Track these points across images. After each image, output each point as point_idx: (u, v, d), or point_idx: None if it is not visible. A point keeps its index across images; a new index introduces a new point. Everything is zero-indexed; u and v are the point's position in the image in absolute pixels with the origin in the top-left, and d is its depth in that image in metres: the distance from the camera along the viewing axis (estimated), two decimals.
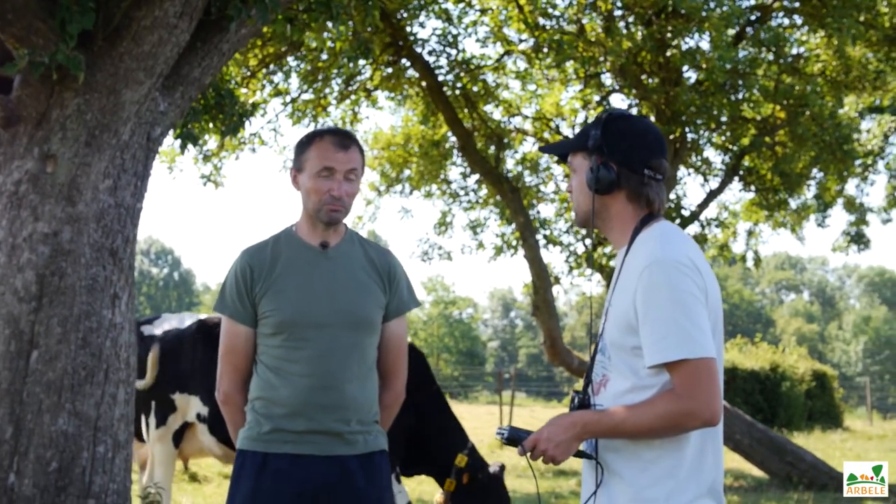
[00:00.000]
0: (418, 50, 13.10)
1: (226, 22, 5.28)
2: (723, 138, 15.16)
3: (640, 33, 12.03)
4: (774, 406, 23.17)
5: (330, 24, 7.91)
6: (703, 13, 11.08)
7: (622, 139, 2.94)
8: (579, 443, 2.86)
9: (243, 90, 11.53)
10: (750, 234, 18.40)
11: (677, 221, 14.41)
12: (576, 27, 12.43)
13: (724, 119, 14.00)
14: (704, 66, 11.78)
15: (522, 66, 14.45)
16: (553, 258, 25.66)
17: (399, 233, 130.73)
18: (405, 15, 12.62)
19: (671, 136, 13.05)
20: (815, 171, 15.96)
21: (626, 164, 2.93)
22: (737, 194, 17.00)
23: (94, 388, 4.98)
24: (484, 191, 16.16)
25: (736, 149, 15.15)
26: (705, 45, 12.53)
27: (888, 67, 13.90)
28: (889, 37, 13.13)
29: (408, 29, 12.82)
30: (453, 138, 14.71)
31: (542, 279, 13.67)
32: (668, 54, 11.92)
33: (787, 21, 13.85)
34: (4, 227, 4.98)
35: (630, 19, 12.56)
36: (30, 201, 4.96)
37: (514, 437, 2.92)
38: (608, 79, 14.12)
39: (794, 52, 14.16)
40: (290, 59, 12.70)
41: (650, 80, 12.73)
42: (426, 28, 24.63)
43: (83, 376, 4.95)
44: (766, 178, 15.58)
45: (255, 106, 9.15)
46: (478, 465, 6.92)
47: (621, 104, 15.15)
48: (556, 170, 16.15)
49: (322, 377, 3.51)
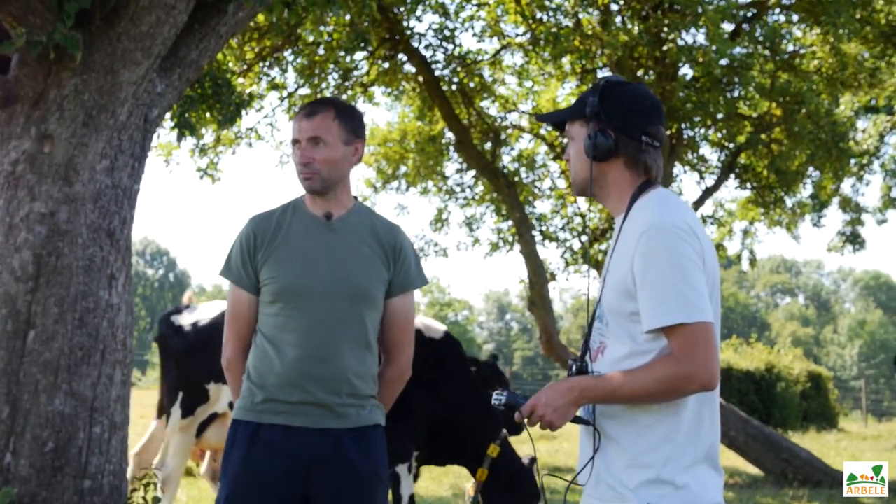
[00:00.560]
0: (415, 44, 13.10)
1: (223, 4, 5.29)
2: (719, 135, 15.18)
3: (636, 28, 12.04)
4: (769, 406, 23.16)
5: (328, 13, 7.93)
6: (699, 8, 11.08)
7: (620, 105, 2.94)
8: (577, 408, 2.85)
9: (240, 80, 11.52)
10: (745, 233, 18.42)
11: None
12: (572, 21, 12.44)
13: (720, 116, 14.01)
14: (701, 61, 11.78)
15: (519, 61, 14.46)
16: (549, 254, 25.63)
17: None
18: (403, 10, 12.63)
19: (667, 133, 13.06)
20: (810, 169, 15.98)
21: (624, 131, 2.93)
22: (732, 192, 17.03)
23: (91, 369, 4.99)
24: (480, 187, 16.16)
25: (732, 146, 15.17)
26: (702, 38, 12.54)
27: (883, 64, 13.93)
28: (885, 34, 13.15)
29: (405, 23, 12.81)
30: (450, 134, 14.71)
31: (538, 275, 13.66)
32: (665, 49, 11.92)
33: (783, 18, 13.86)
34: (1, 206, 4.99)
35: (627, 14, 12.58)
36: (27, 181, 4.97)
37: (512, 402, 2.91)
38: (604, 74, 14.13)
39: (790, 49, 14.18)
40: (286, 53, 12.71)
41: (647, 75, 12.75)
42: (423, 22, 24.67)
43: (80, 357, 4.96)
44: (761, 176, 15.60)
45: (252, 96, 9.16)
46: (509, 457, 6.89)
47: None
48: (553, 167, 16.16)
49: (315, 348, 3.50)
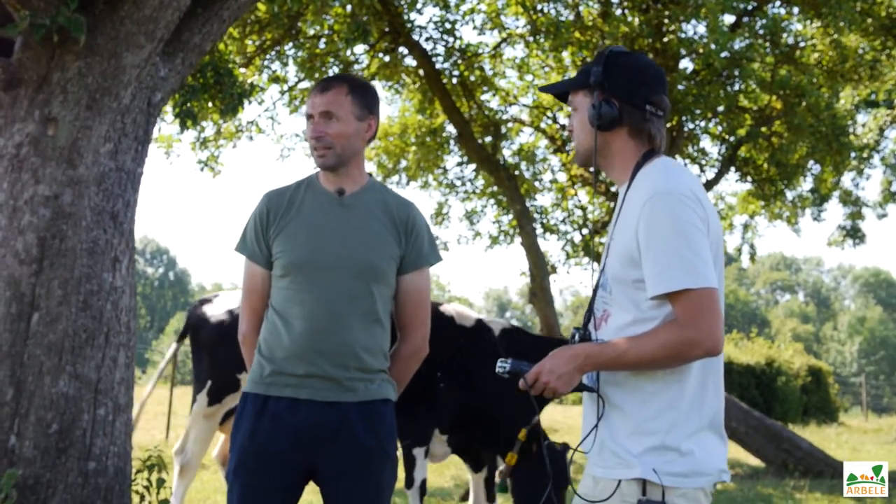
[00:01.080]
0: (416, 37, 13.11)
1: None
2: (719, 129, 15.19)
3: (636, 20, 12.06)
4: (770, 400, 23.18)
5: (329, 4, 7.94)
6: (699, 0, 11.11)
7: (623, 75, 2.95)
8: (581, 375, 2.86)
9: (242, 69, 11.54)
10: (746, 227, 18.44)
11: None
12: (573, 12, 12.46)
13: (720, 109, 14.03)
14: (701, 52, 11.80)
15: (520, 54, 14.50)
16: (550, 247, 25.66)
17: None
18: (403, 3, 12.64)
19: (668, 126, 13.07)
20: (811, 163, 15.99)
21: (628, 100, 2.94)
22: (733, 185, 17.09)
23: (95, 351, 5.00)
24: (481, 181, 16.18)
25: (732, 139, 15.18)
26: (702, 30, 12.56)
27: (884, 57, 13.94)
28: (885, 26, 13.17)
29: (405, 16, 12.82)
30: (450, 128, 14.73)
31: (539, 267, 13.68)
32: (666, 40, 11.94)
33: (783, 10, 13.88)
34: (6, 189, 5.00)
35: (627, 6, 12.60)
36: (31, 164, 4.97)
37: (516, 370, 2.91)
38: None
39: (791, 41, 14.19)
40: (287, 47, 12.73)
41: None
42: (423, 15, 24.71)
43: (84, 339, 4.96)
44: (762, 169, 15.61)
45: (254, 86, 9.16)
46: (539, 442, 6.88)
47: None
48: (553, 160, 16.19)
49: (323, 321, 3.52)
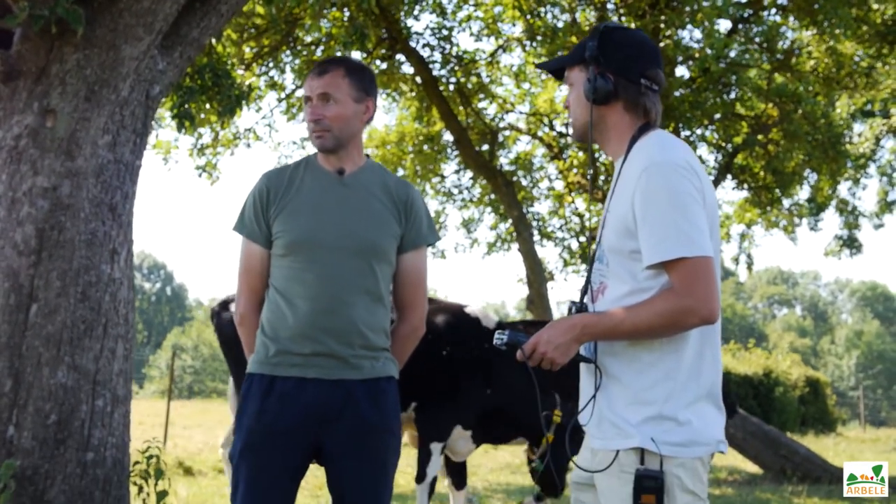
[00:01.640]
0: (413, 44, 13.15)
1: None
2: (715, 136, 15.24)
3: (633, 25, 12.12)
4: (768, 411, 23.16)
5: (327, 7, 7.97)
6: (695, 5, 11.16)
7: (619, 49, 2.97)
8: (578, 345, 2.87)
9: (240, 71, 11.57)
10: (743, 237, 18.48)
11: None
12: (569, 17, 12.52)
13: (717, 116, 14.08)
14: (697, 57, 11.85)
15: (516, 61, 14.56)
16: (547, 253, 25.65)
17: None
18: (402, 10, 12.69)
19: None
20: (807, 172, 16.04)
21: (624, 74, 2.96)
22: (729, 193, 17.15)
23: (93, 342, 5.00)
24: (478, 189, 16.21)
25: (729, 147, 15.23)
26: (698, 35, 12.62)
27: (879, 64, 13.99)
28: (880, 32, 13.22)
29: (402, 22, 12.87)
30: (448, 137, 14.76)
31: (536, 273, 13.70)
32: (661, 45, 11.98)
33: (778, 17, 13.94)
34: (4, 181, 5.01)
35: (623, 11, 12.65)
36: (29, 156, 4.98)
37: (514, 341, 2.91)
38: None
39: (786, 48, 14.25)
40: (284, 55, 12.77)
41: None
42: (420, 21, 24.78)
43: (82, 330, 4.97)
44: (758, 177, 15.65)
45: (252, 88, 9.19)
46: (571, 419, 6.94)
47: None
48: (550, 168, 16.21)
49: (327, 300, 3.53)
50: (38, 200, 4.95)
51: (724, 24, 13.43)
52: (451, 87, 13.89)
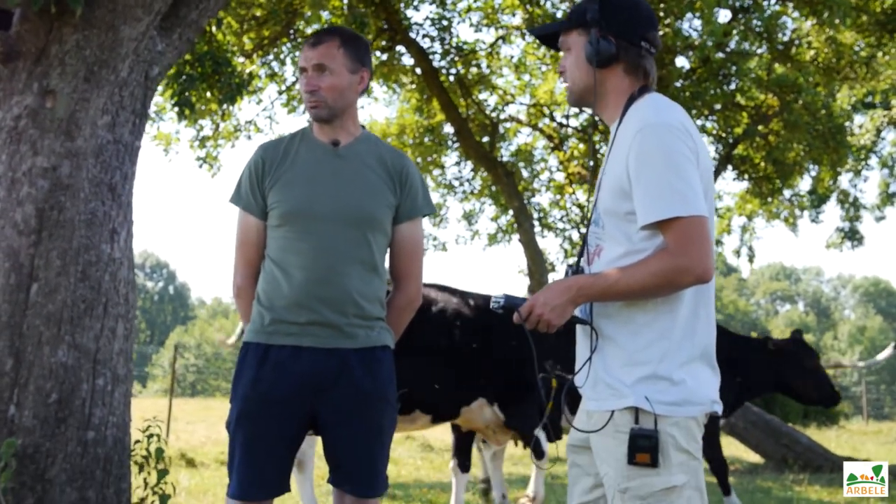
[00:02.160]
0: (412, 35, 13.17)
1: None
2: (716, 127, 15.25)
3: None
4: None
5: None
6: None
7: (619, 12, 2.99)
8: (574, 307, 2.88)
9: (240, 59, 11.57)
10: (744, 229, 18.49)
11: None
12: (568, 5, 12.52)
13: (717, 107, 14.09)
14: (696, 45, 11.86)
15: (516, 53, 14.58)
16: (548, 244, 25.65)
17: None
18: (402, 2, 12.70)
19: None
20: (809, 164, 16.04)
21: (625, 36, 2.98)
22: (730, 184, 17.13)
23: (94, 322, 5.02)
24: (479, 181, 16.23)
25: (729, 138, 15.24)
26: (698, 24, 12.62)
27: (880, 54, 13.99)
28: (880, 22, 13.22)
29: (402, 13, 12.88)
30: (448, 128, 14.77)
31: (537, 264, 13.72)
32: (661, 34, 11.98)
33: (778, 7, 13.94)
34: (4, 161, 5.03)
35: None
36: (29, 136, 5.01)
37: (510, 304, 2.93)
38: None
39: (786, 38, 14.25)
40: (284, 48, 12.78)
41: None
42: (420, 11, 24.76)
43: (82, 309, 4.99)
44: (759, 167, 15.66)
45: (253, 76, 9.19)
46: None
47: None
48: (551, 160, 16.22)
49: (322, 270, 3.56)
50: (38, 180, 4.97)
51: (724, 15, 13.43)
52: (452, 79, 13.91)
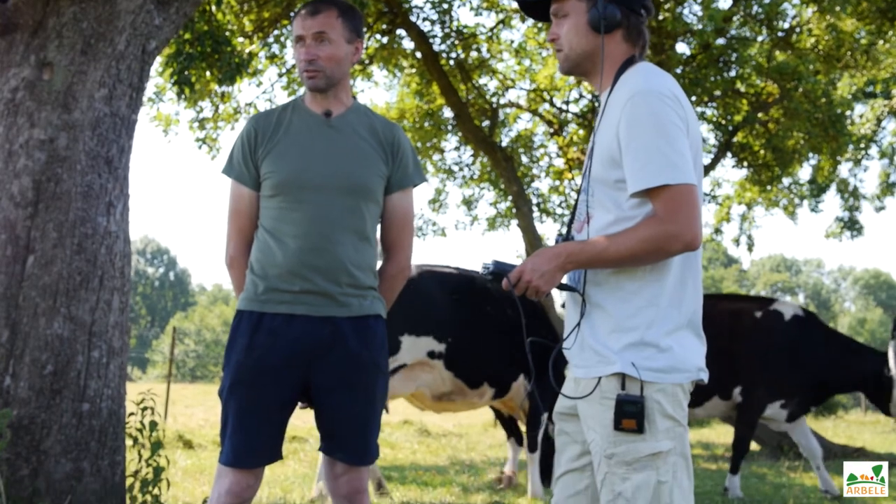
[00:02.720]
0: (413, 18, 13.16)
1: None
2: (716, 114, 15.24)
3: None
4: None
5: None
6: None
7: None
8: (563, 273, 2.90)
9: (240, 39, 11.56)
10: (743, 218, 18.49)
11: None
12: None
13: (717, 93, 14.07)
14: (696, 30, 11.85)
15: (517, 37, 14.57)
16: (547, 229, 25.57)
17: None
18: None
19: None
20: (808, 153, 16.01)
21: (626, 3, 2.99)
22: (729, 171, 17.14)
23: (90, 294, 5.05)
24: (478, 167, 16.23)
25: (729, 125, 15.22)
26: (697, 9, 12.61)
27: (881, 42, 13.97)
28: (881, 9, 13.19)
29: None
30: (448, 112, 14.76)
31: (535, 248, 13.71)
32: (661, 18, 11.98)
33: None
34: (1, 133, 5.05)
35: None
36: (26, 108, 5.03)
37: (500, 269, 2.95)
38: None
39: (786, 25, 14.24)
40: (284, 30, 12.76)
41: None
42: None
43: (78, 281, 5.01)
44: (759, 155, 15.65)
45: (253, 55, 9.19)
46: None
47: None
48: (550, 146, 16.22)
49: (315, 238, 3.58)
50: (35, 153, 4.99)
51: (725, 1, 13.42)
52: (452, 63, 13.90)
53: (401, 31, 13.44)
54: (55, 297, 4.95)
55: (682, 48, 14.29)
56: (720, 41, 13.59)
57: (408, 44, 13.82)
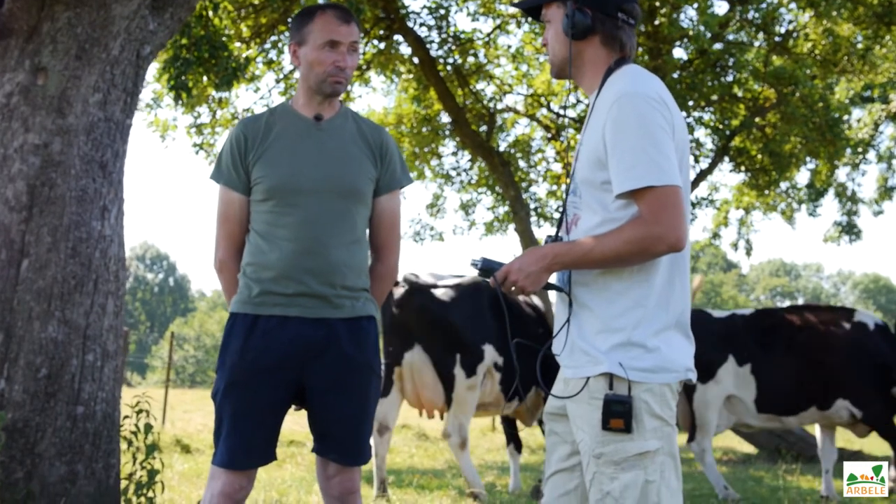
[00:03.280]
0: (410, 24, 13.18)
1: None
2: (713, 119, 15.26)
3: None
4: None
5: None
6: None
7: None
8: (549, 274, 2.93)
9: (237, 44, 11.58)
10: (741, 222, 18.50)
11: None
12: None
13: (714, 98, 14.09)
14: (691, 35, 11.87)
15: (514, 43, 14.59)
16: (544, 234, 25.70)
17: None
18: None
19: None
20: (806, 157, 16.04)
21: (601, 8, 3.01)
22: (727, 176, 17.19)
23: (84, 298, 5.06)
24: (476, 172, 16.25)
25: (726, 130, 15.24)
26: (692, 13, 12.63)
27: (878, 48, 13.98)
28: (877, 14, 13.22)
29: (399, 1, 12.89)
30: (445, 118, 14.79)
31: None
32: (657, 23, 12.01)
33: (775, 0, 13.95)
34: None
35: None
36: (21, 113, 5.05)
37: (488, 267, 2.99)
38: None
39: (783, 30, 14.26)
40: (282, 35, 12.79)
41: (639, 50, 12.84)
42: (417, 0, 24.78)
43: (73, 285, 5.03)
44: (756, 159, 15.67)
45: (249, 60, 9.22)
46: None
47: None
48: (548, 151, 16.24)
49: (308, 241, 3.61)
50: (30, 157, 5.01)
51: (722, 8, 13.44)
52: (449, 68, 13.93)
53: (398, 37, 13.47)
54: (49, 300, 4.97)
55: (679, 53, 14.33)
56: (717, 46, 13.63)
57: (405, 49, 13.85)
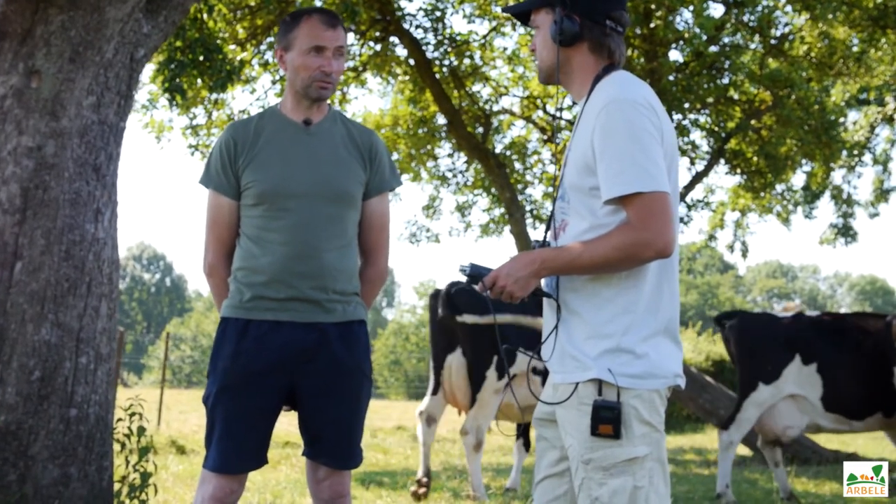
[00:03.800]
0: (406, 26, 13.19)
1: None
2: (708, 121, 15.28)
3: None
4: None
5: None
6: None
7: None
8: (538, 279, 2.93)
9: (232, 47, 11.58)
10: (737, 224, 18.52)
11: None
12: None
13: (710, 100, 14.12)
14: (687, 37, 11.89)
15: (510, 45, 14.61)
16: (540, 236, 25.72)
17: None
18: None
19: None
20: (801, 160, 16.06)
21: (589, 15, 3.01)
22: (723, 178, 17.23)
23: (77, 300, 5.07)
24: (472, 174, 16.26)
25: (722, 132, 15.27)
26: (688, 15, 12.63)
27: (873, 51, 14.02)
28: (873, 17, 13.25)
29: (395, 3, 12.90)
30: (441, 120, 14.80)
31: None
32: (653, 26, 12.02)
33: (771, 2, 13.98)
34: None
35: None
36: (14, 115, 5.05)
37: (476, 273, 2.98)
38: None
39: (779, 33, 14.29)
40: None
41: (633, 50, 12.85)
42: (414, 2, 24.78)
43: (66, 288, 5.03)
44: (752, 162, 15.70)
45: (244, 62, 9.21)
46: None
47: None
48: (544, 153, 16.26)
49: (300, 245, 3.62)
50: (23, 160, 5.01)
51: (718, 11, 13.46)
52: (445, 70, 13.94)
53: (394, 39, 13.49)
54: (43, 303, 4.97)
55: (675, 55, 14.34)
56: (713, 49, 13.64)
57: (401, 51, 13.87)
